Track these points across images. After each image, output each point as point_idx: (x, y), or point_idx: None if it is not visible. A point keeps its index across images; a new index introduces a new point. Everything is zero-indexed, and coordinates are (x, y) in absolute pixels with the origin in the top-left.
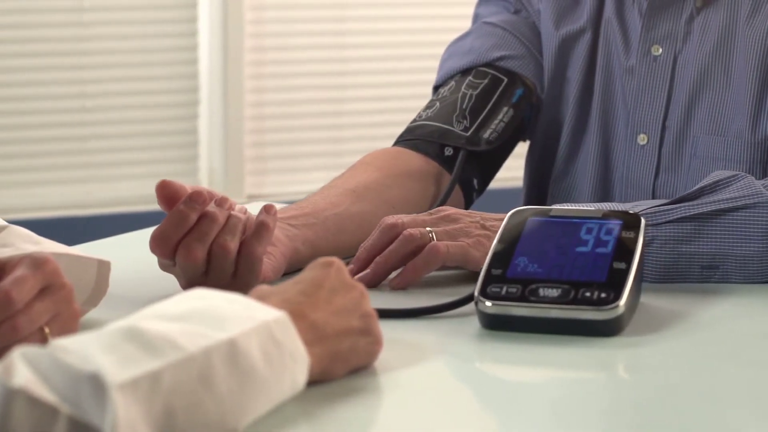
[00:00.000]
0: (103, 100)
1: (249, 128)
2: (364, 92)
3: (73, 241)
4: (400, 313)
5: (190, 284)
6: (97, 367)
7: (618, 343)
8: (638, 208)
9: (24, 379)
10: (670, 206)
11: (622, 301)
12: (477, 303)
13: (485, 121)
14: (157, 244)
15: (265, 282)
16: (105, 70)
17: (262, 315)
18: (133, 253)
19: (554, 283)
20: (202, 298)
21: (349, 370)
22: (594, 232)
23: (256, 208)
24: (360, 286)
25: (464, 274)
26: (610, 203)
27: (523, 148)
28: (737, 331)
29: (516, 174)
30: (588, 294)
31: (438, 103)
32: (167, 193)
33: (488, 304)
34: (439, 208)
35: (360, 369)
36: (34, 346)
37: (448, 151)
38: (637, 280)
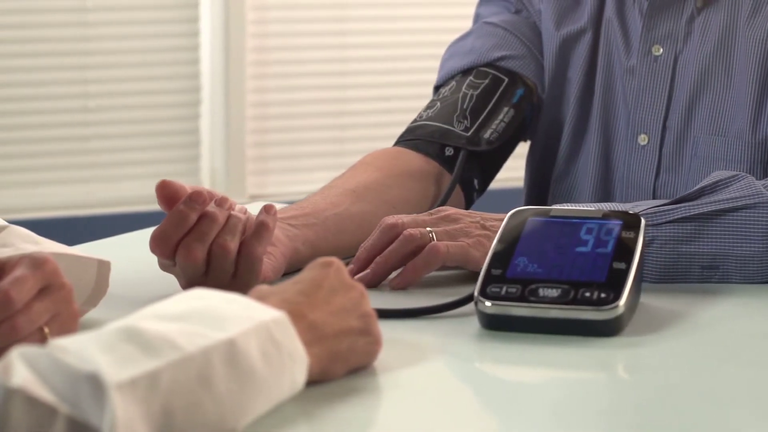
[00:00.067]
0: (105, 100)
1: (250, 128)
2: (366, 92)
3: (73, 241)
4: (400, 313)
5: (190, 284)
6: (96, 366)
7: (618, 343)
8: (638, 209)
9: (22, 378)
10: (671, 206)
11: (622, 302)
12: (477, 303)
13: (486, 121)
14: (157, 244)
15: (265, 282)
16: (107, 70)
17: (262, 315)
18: (133, 253)
19: (554, 283)
20: (201, 298)
21: (349, 370)
22: (594, 232)
23: (257, 208)
24: (359, 286)
25: (464, 274)
26: (611, 203)
27: (524, 149)
28: (737, 331)
29: (517, 174)
30: (588, 294)
31: (439, 103)
32: (167, 193)
33: (488, 304)
34: (439, 208)
35: (359, 369)
36: (33, 345)
37: (449, 151)
38: (637, 281)
